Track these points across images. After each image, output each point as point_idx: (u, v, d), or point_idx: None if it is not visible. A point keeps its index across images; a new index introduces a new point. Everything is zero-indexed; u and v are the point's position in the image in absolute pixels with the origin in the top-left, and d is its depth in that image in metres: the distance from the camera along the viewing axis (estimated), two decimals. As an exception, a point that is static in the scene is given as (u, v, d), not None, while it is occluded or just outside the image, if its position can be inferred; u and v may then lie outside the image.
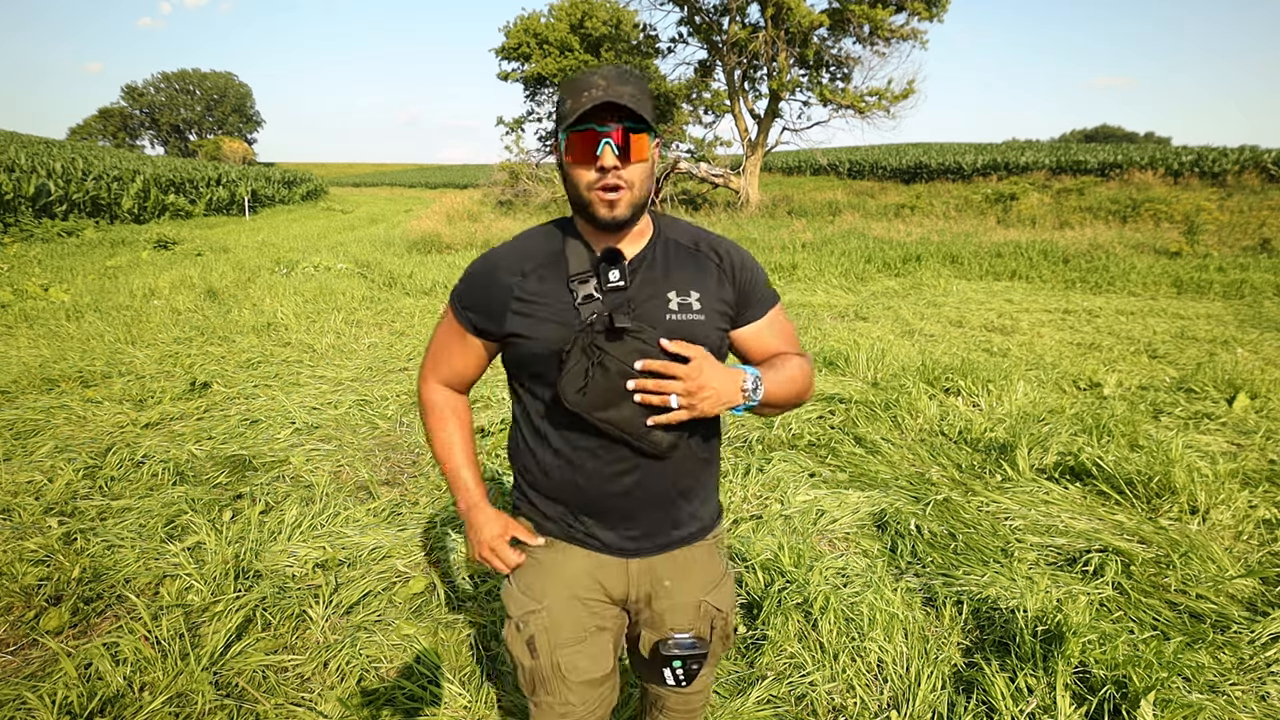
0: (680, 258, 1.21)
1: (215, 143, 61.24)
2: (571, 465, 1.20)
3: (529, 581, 1.27)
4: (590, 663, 1.25)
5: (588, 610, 1.25)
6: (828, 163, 26.87)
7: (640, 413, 1.11)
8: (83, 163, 20.53)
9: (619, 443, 1.15)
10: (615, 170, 1.07)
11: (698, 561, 1.30)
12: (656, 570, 1.27)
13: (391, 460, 3.63)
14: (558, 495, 1.24)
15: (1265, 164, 18.62)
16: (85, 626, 2.27)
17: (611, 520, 1.23)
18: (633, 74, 1.11)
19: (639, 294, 1.15)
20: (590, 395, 1.09)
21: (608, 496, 1.20)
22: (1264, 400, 4.38)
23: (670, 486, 1.22)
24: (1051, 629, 2.07)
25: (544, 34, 23.90)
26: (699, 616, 1.31)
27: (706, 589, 1.31)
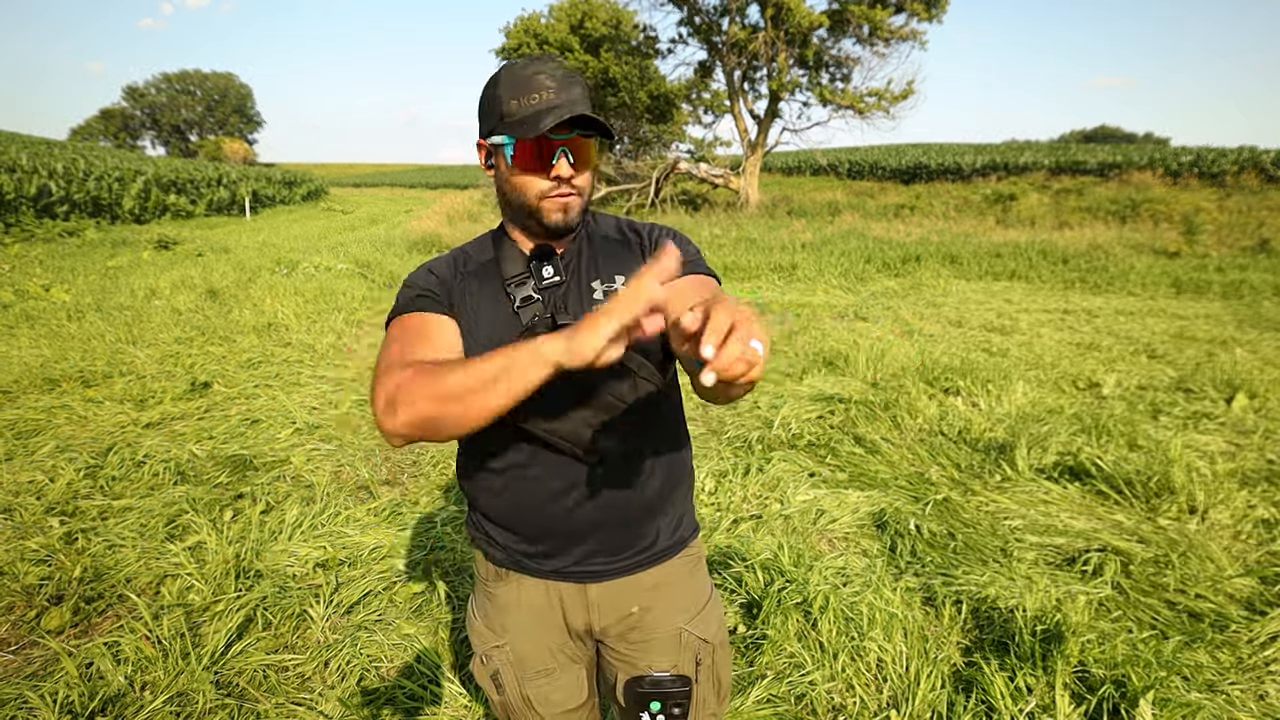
0: (606, 247, 1.14)
1: (216, 143, 61.27)
2: (521, 485, 1.08)
3: (489, 614, 1.17)
4: (563, 695, 1.17)
5: (551, 641, 1.15)
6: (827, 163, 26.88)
7: (588, 425, 1.03)
8: (84, 163, 20.54)
9: (564, 454, 1.05)
10: (569, 179, 1.03)
11: (672, 583, 1.16)
12: (622, 595, 1.13)
13: (391, 460, 3.63)
14: (504, 519, 1.12)
15: (1264, 164, 18.62)
16: (86, 626, 2.28)
17: (559, 542, 1.10)
18: (575, 74, 1.06)
19: (570, 289, 1.09)
20: (538, 403, 0.91)
21: (554, 516, 1.09)
22: (1262, 400, 4.39)
23: (622, 502, 1.10)
24: (1051, 628, 2.08)
25: (544, 35, 23.89)
26: (680, 649, 1.16)
27: (686, 615, 1.17)
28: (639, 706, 1.14)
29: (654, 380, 1.07)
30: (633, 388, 1.05)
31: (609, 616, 1.14)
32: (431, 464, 3.57)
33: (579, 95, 1.02)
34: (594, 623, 1.15)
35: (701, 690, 1.18)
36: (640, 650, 1.15)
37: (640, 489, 1.11)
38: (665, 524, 1.16)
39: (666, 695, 1.13)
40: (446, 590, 2.48)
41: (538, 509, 1.08)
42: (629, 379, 1.05)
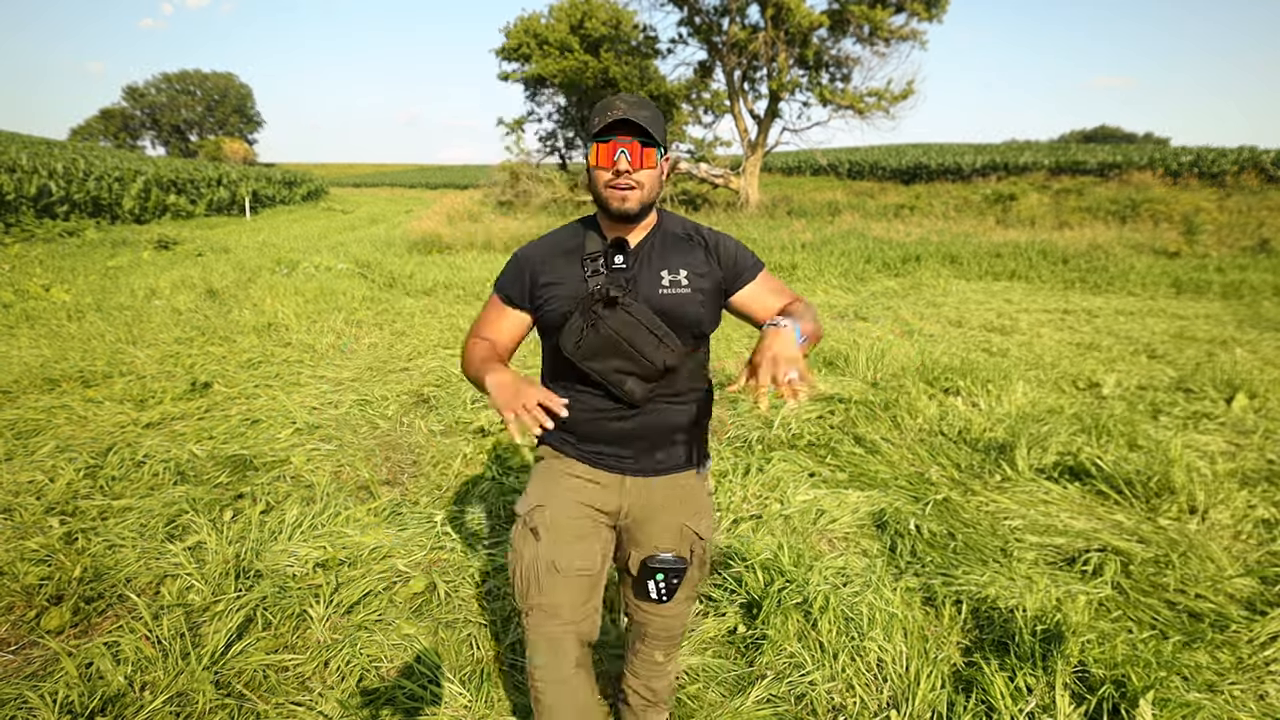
0: (674, 244, 1.47)
1: (216, 143, 61.23)
2: (577, 399, 1.45)
3: (540, 483, 1.51)
4: (582, 560, 1.45)
5: (583, 513, 1.48)
6: (827, 163, 26.87)
7: (620, 369, 1.38)
8: (84, 163, 20.53)
9: (601, 389, 1.42)
10: (627, 174, 1.35)
11: (681, 490, 1.53)
12: (645, 491, 1.50)
13: (392, 460, 3.63)
14: (566, 425, 1.44)
15: (1264, 164, 18.62)
16: (86, 626, 2.28)
17: (605, 445, 1.48)
18: (649, 103, 1.40)
19: (640, 274, 1.42)
20: (583, 348, 1.37)
21: (601, 430, 1.47)
22: (1262, 400, 4.39)
23: (646, 428, 1.46)
24: (1051, 628, 2.08)
25: (544, 35, 23.90)
26: (681, 539, 1.53)
27: (689, 515, 1.54)
28: (647, 576, 1.51)
29: (677, 350, 1.40)
30: (659, 351, 1.38)
31: (635, 503, 1.50)
32: (431, 464, 3.57)
33: (642, 114, 1.34)
34: (623, 505, 1.50)
35: (692, 571, 1.57)
36: (651, 533, 1.52)
37: (662, 420, 1.47)
38: (683, 448, 1.52)
39: (669, 570, 1.50)
40: (446, 590, 2.48)
41: (589, 421, 1.46)
42: (659, 345, 1.38)
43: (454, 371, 5.10)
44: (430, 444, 3.83)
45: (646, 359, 1.37)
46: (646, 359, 1.37)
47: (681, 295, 1.42)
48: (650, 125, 1.34)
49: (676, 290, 1.42)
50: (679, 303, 1.42)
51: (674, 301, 1.41)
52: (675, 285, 1.42)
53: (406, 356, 5.56)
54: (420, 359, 5.48)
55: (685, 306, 1.42)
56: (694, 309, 1.43)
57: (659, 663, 1.73)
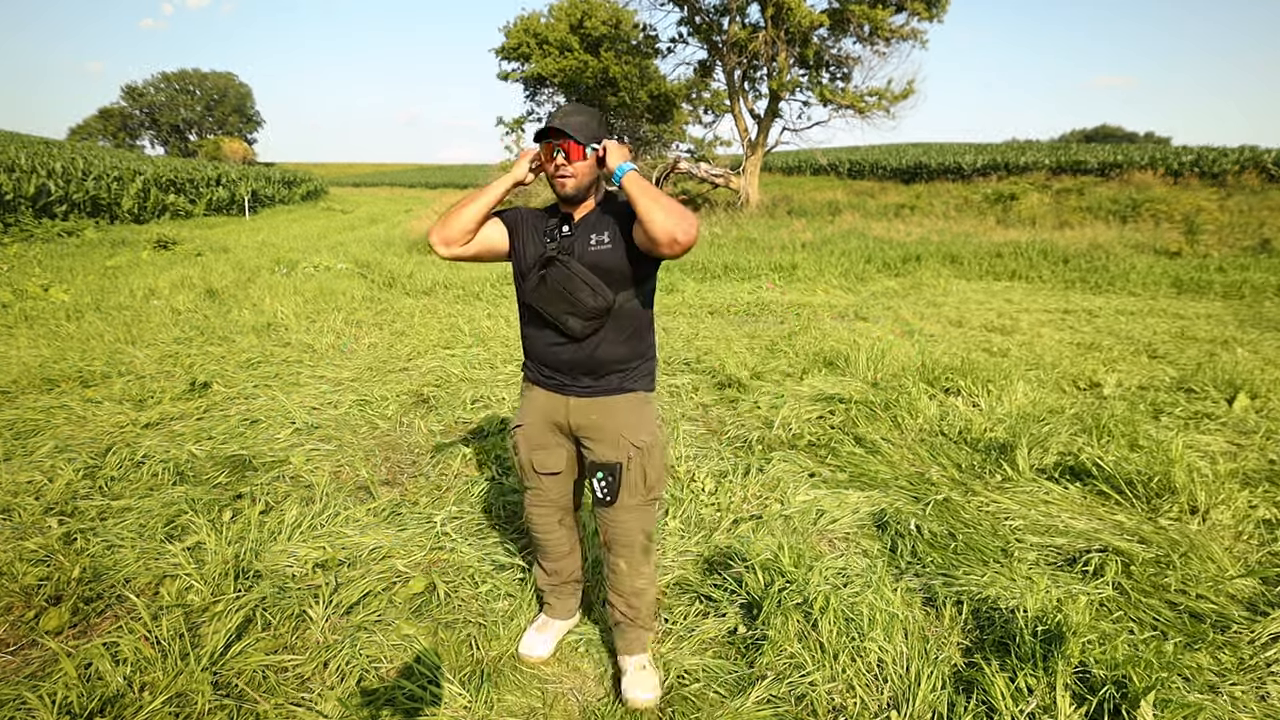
0: (610, 215, 1.86)
1: (215, 143, 61.17)
2: (535, 337, 1.93)
3: (522, 407, 2.03)
4: (551, 461, 2.00)
5: (546, 428, 1.98)
6: (828, 163, 26.85)
7: (564, 310, 1.82)
8: (83, 163, 20.52)
9: (552, 327, 1.86)
10: (564, 166, 1.80)
11: (618, 408, 1.90)
12: (586, 409, 1.91)
13: (391, 460, 3.63)
14: (531, 355, 1.97)
15: (1265, 164, 18.61)
16: (85, 626, 2.27)
17: (555, 371, 1.92)
18: (586, 109, 1.85)
19: (578, 240, 1.85)
20: (537, 295, 1.85)
21: (552, 358, 1.91)
22: (1264, 400, 4.38)
23: (589, 358, 1.87)
24: (1051, 629, 2.07)
25: (544, 34, 23.88)
26: (618, 447, 1.90)
27: (624, 428, 1.90)
28: (590, 475, 1.94)
29: (605, 296, 1.81)
30: (590, 296, 1.81)
31: (579, 418, 1.92)
32: (431, 464, 3.56)
33: (573, 121, 1.78)
34: (570, 421, 1.93)
35: (631, 475, 1.91)
36: (596, 444, 1.93)
37: (598, 353, 1.87)
38: (618, 377, 1.91)
39: (605, 468, 1.90)
40: (446, 590, 2.47)
41: (542, 352, 1.92)
42: (591, 292, 1.80)
43: (454, 371, 5.09)
44: (430, 444, 3.82)
45: (580, 302, 1.80)
46: (580, 302, 1.80)
47: (604, 250, 1.82)
48: (578, 130, 1.76)
49: (600, 247, 1.82)
50: (603, 256, 1.81)
51: (599, 256, 1.82)
52: (600, 244, 1.82)
53: (406, 356, 5.56)
54: (420, 359, 5.48)
55: (609, 259, 1.81)
56: (616, 260, 1.81)
57: (622, 571, 2.01)
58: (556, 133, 1.76)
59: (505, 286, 8.71)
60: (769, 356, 5.50)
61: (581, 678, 2.15)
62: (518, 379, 4.91)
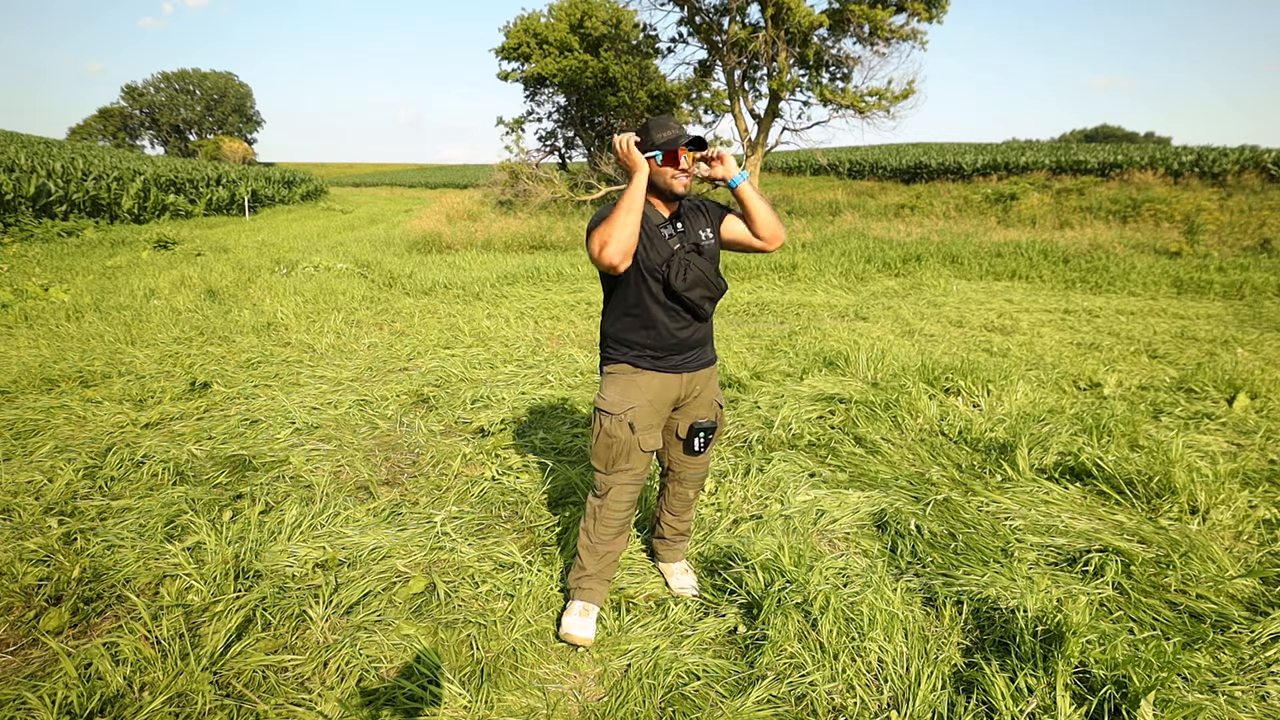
0: (694, 213, 2.22)
1: (215, 143, 61.16)
2: (665, 326, 2.15)
3: (627, 392, 2.18)
4: (654, 440, 2.22)
5: (655, 410, 2.20)
6: (828, 163, 26.85)
7: (703, 294, 2.10)
8: (83, 163, 20.52)
9: (688, 311, 2.14)
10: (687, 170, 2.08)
11: (712, 377, 2.31)
12: (695, 380, 2.25)
13: (391, 460, 3.63)
14: (655, 345, 2.16)
15: (1265, 164, 18.61)
16: (85, 626, 2.27)
17: (674, 353, 2.18)
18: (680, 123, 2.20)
19: (688, 233, 2.16)
20: (688, 282, 2.08)
21: (677, 341, 2.17)
22: (1264, 400, 4.38)
23: (704, 335, 2.24)
24: (1051, 629, 2.07)
25: (544, 34, 23.88)
26: (712, 408, 2.30)
27: (715, 393, 2.32)
28: (694, 435, 2.28)
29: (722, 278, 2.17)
30: (719, 280, 2.15)
31: (690, 390, 2.25)
32: (431, 464, 3.56)
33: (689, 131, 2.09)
34: (683, 393, 2.24)
35: (719, 429, 2.33)
36: (694, 407, 2.28)
37: (706, 330, 2.25)
38: (711, 347, 2.30)
39: (707, 429, 2.28)
40: (446, 590, 2.47)
41: (668, 337, 2.16)
42: (719, 276, 2.15)
43: (454, 371, 5.09)
44: (430, 444, 3.82)
45: (718, 286, 2.13)
46: (718, 286, 2.13)
47: (712, 245, 2.17)
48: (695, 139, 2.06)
49: (709, 241, 2.17)
50: (713, 249, 2.18)
51: (711, 248, 2.17)
52: (709, 239, 2.17)
53: (406, 356, 5.55)
54: (420, 359, 5.48)
55: (715, 251, 2.18)
56: (717, 251, 2.19)
57: (690, 499, 2.48)
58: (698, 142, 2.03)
59: (505, 286, 8.71)
60: (769, 356, 5.50)
61: (581, 678, 2.15)
62: (518, 379, 4.91)
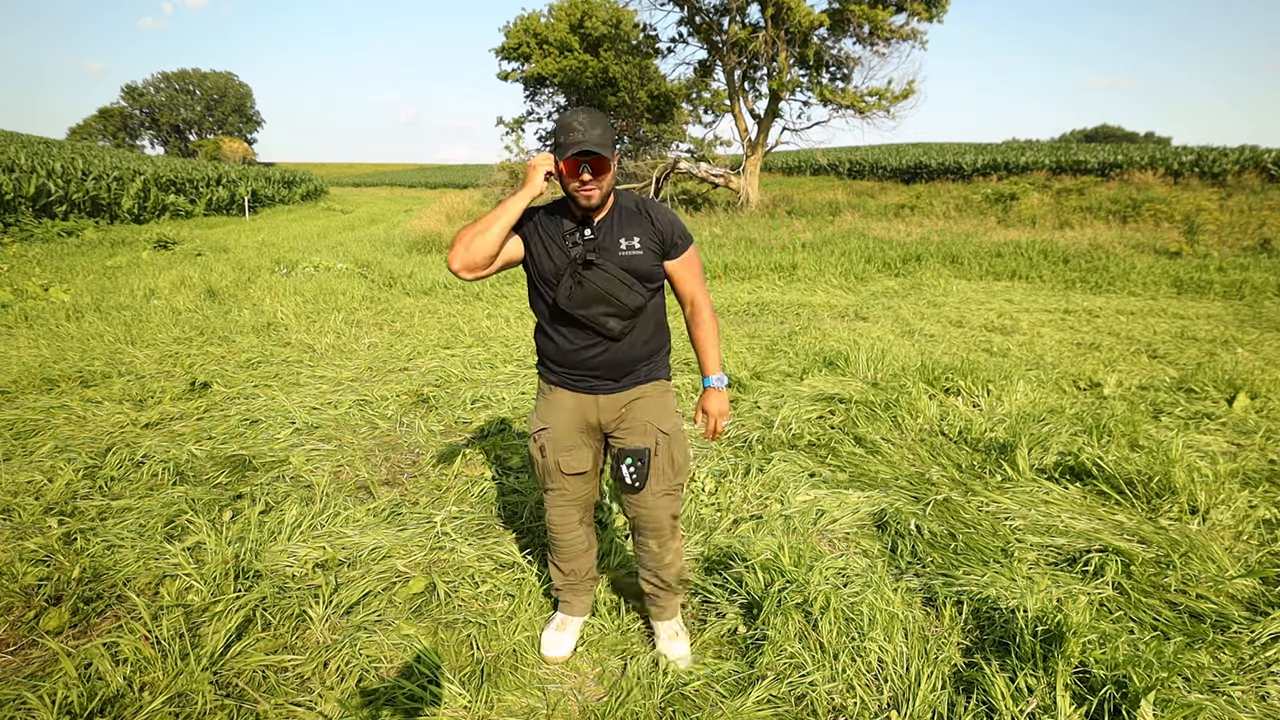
0: (628, 217, 1.91)
1: (215, 143, 61.18)
2: (564, 342, 1.94)
3: (543, 411, 2.03)
4: (577, 462, 2.03)
5: (575, 430, 2.00)
6: (828, 163, 26.85)
7: (604, 312, 1.86)
8: (82, 163, 20.52)
9: (589, 329, 1.90)
10: (590, 181, 1.78)
11: (645, 397, 2.00)
12: (616, 403, 1.97)
13: (391, 460, 3.63)
14: (558, 360, 1.97)
15: (1265, 164, 18.61)
16: (85, 626, 2.27)
17: (585, 373, 1.95)
18: (600, 117, 1.78)
19: (604, 241, 1.86)
20: (574, 299, 1.85)
21: (584, 361, 1.93)
22: (1264, 400, 4.38)
23: (623, 357, 1.94)
24: (1051, 629, 2.07)
25: (544, 34, 23.89)
26: (645, 433, 1.98)
27: (651, 415, 1.99)
28: (620, 462, 1.98)
29: (642, 295, 1.89)
30: (630, 296, 1.87)
31: (609, 414, 1.99)
32: (431, 464, 3.56)
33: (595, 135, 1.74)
34: (601, 418, 1.99)
35: (659, 462, 2.00)
36: (625, 434, 2.00)
37: (631, 350, 1.95)
38: (644, 368, 2.00)
39: (633, 454, 1.97)
40: (446, 590, 2.47)
41: (574, 355, 1.93)
42: (629, 291, 1.86)
43: (454, 371, 5.09)
44: (430, 444, 3.82)
45: (621, 302, 1.86)
46: (621, 302, 1.86)
47: (637, 255, 1.88)
48: (601, 146, 1.73)
49: (632, 252, 1.88)
50: (636, 261, 1.88)
51: (631, 260, 1.87)
52: (631, 249, 1.88)
53: (406, 356, 5.55)
54: (420, 359, 5.48)
55: (641, 264, 1.88)
56: (647, 265, 1.89)
57: (654, 551, 2.13)
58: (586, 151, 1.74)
59: (506, 286, 8.71)
60: (769, 356, 5.50)
61: (581, 678, 2.15)
62: (518, 379, 4.91)
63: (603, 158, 1.74)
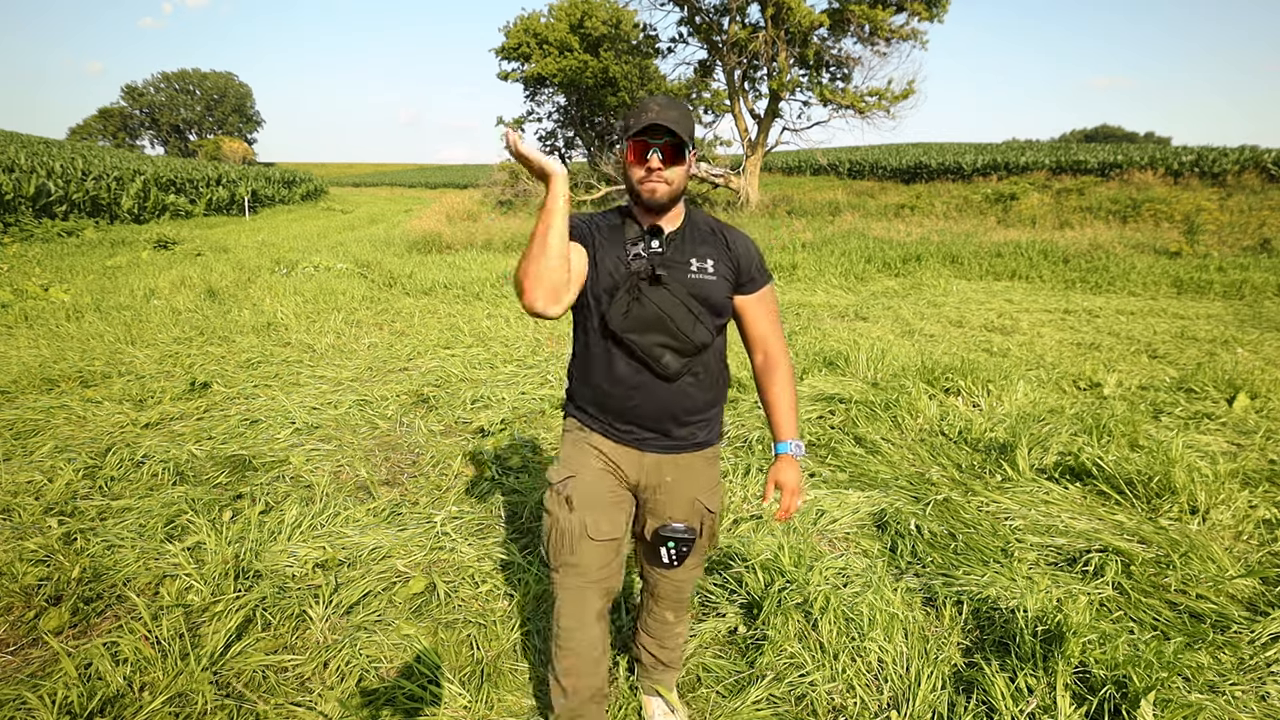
0: (701, 237, 1.62)
1: (215, 143, 61.20)
2: (611, 375, 1.58)
3: (570, 455, 1.64)
4: (609, 525, 1.60)
5: (609, 484, 1.62)
6: (828, 163, 26.85)
7: (660, 343, 1.53)
8: (82, 163, 20.52)
9: (640, 361, 1.55)
10: (659, 170, 1.50)
11: (695, 468, 1.66)
12: (662, 466, 1.63)
13: (391, 460, 3.63)
14: (596, 400, 1.62)
15: (1265, 164, 18.61)
16: (85, 626, 2.27)
17: (627, 419, 1.60)
18: (679, 104, 1.52)
19: (672, 258, 1.56)
20: (629, 320, 1.52)
21: (631, 404, 1.58)
22: (1264, 400, 4.38)
23: (673, 404, 1.59)
24: (1051, 629, 2.07)
25: (544, 34, 23.90)
26: (692, 511, 1.67)
27: (700, 490, 1.67)
28: (660, 543, 1.66)
29: (708, 329, 1.56)
30: (695, 328, 1.54)
31: (651, 478, 1.64)
32: (431, 464, 3.56)
33: (672, 115, 1.47)
34: (641, 480, 1.64)
35: (700, 541, 1.72)
36: (665, 507, 1.65)
37: (684, 400, 1.59)
38: (699, 429, 1.64)
39: (679, 540, 1.64)
40: (446, 590, 2.47)
41: (619, 394, 1.58)
42: (695, 322, 1.54)
43: (454, 371, 5.09)
44: (430, 444, 3.82)
45: (684, 334, 1.53)
46: (684, 334, 1.53)
47: (709, 281, 1.57)
48: (678, 126, 1.46)
49: (704, 276, 1.57)
50: (708, 288, 1.57)
51: (703, 286, 1.56)
52: (703, 272, 1.57)
53: (406, 356, 5.55)
54: (420, 359, 5.48)
55: (713, 292, 1.57)
56: (720, 295, 1.58)
57: (669, 622, 1.89)
58: (658, 129, 1.46)
59: (505, 286, 8.70)
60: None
61: (581, 678, 2.15)
62: (518, 379, 4.90)
63: (678, 142, 1.48)
